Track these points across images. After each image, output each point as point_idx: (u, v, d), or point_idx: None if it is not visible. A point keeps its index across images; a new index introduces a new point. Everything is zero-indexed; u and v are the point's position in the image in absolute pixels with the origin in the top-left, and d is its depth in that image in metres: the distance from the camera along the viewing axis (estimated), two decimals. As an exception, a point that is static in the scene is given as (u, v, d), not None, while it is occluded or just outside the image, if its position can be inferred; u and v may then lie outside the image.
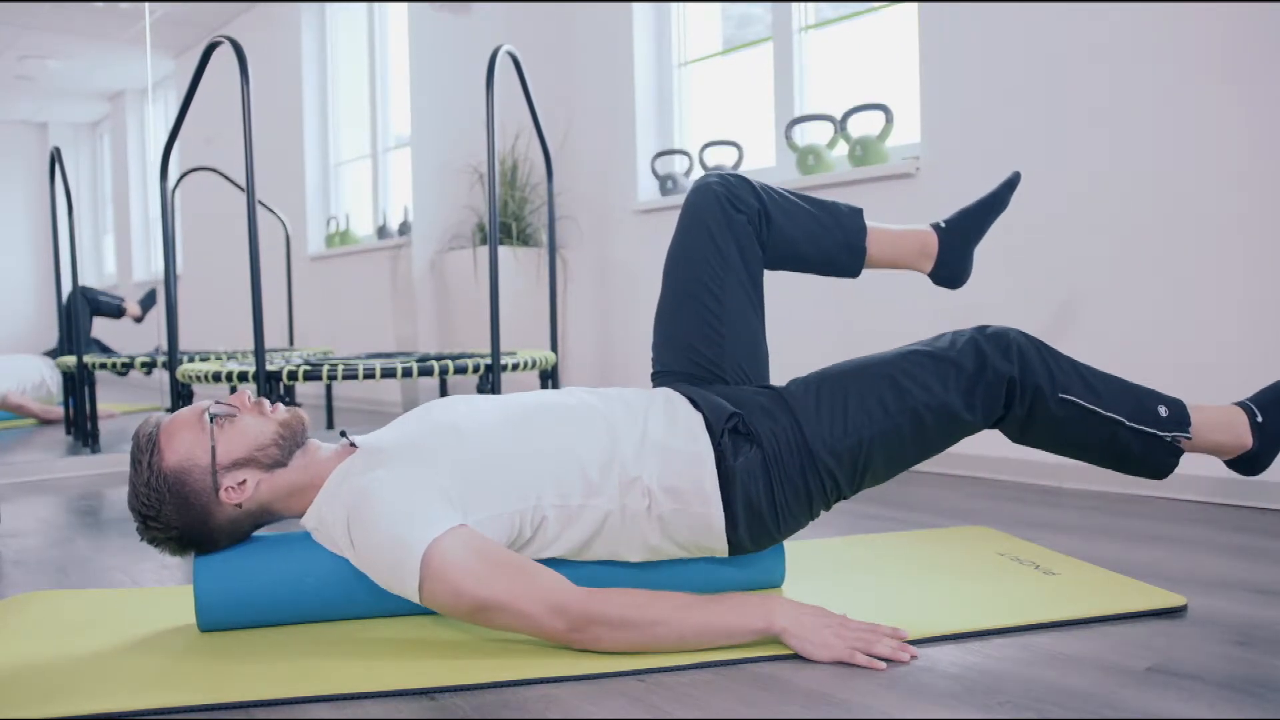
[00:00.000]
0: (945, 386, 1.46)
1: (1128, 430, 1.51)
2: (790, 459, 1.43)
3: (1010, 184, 1.79)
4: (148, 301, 4.75)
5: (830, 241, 1.68)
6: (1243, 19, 2.18)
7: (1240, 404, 1.61)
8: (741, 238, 1.61)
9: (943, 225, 1.76)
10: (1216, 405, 1.60)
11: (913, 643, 1.29)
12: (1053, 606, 1.43)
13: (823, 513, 1.50)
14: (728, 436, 1.42)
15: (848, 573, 1.68)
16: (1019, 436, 1.55)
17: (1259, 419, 1.58)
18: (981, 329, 1.51)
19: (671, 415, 1.45)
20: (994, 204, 1.78)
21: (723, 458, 1.41)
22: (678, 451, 1.41)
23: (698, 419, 1.44)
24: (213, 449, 1.37)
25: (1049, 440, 1.54)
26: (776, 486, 1.42)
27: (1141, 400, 1.53)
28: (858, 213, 1.71)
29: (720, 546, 1.44)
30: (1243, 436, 1.57)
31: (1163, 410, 1.52)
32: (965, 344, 1.49)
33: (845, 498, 1.49)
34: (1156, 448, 1.53)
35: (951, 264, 1.76)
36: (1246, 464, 1.60)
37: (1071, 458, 1.58)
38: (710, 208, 1.62)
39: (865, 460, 1.45)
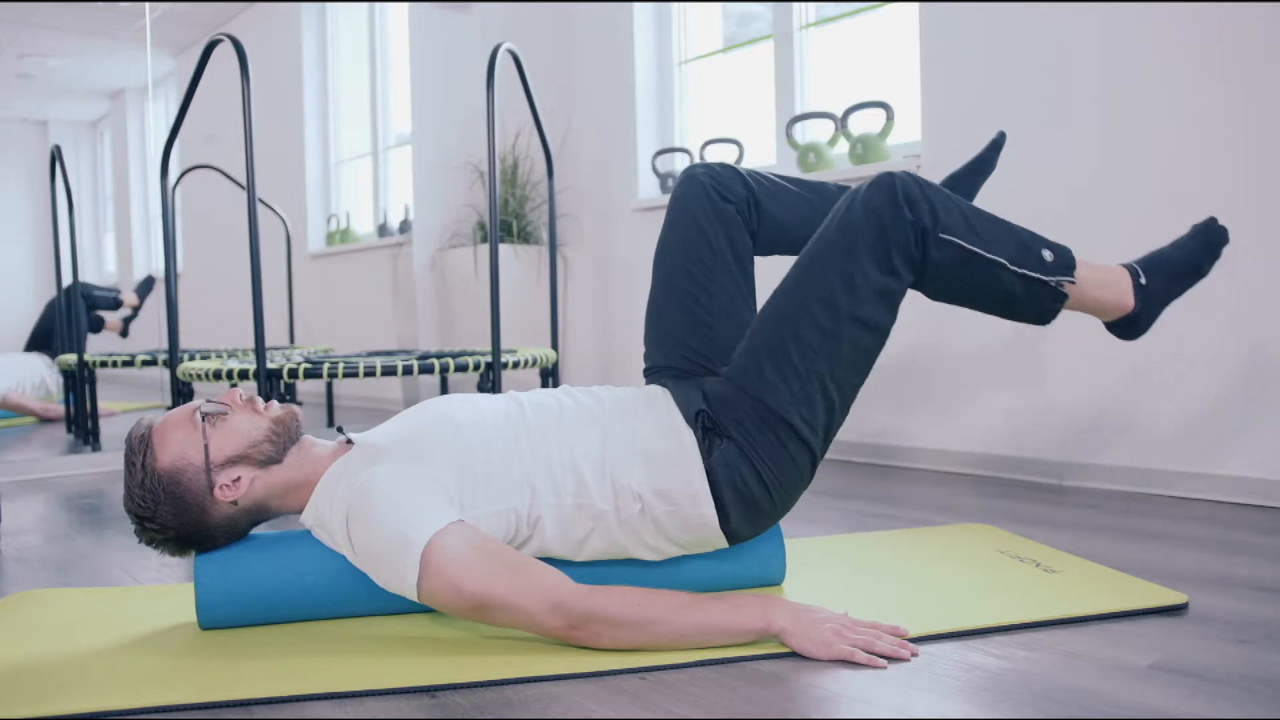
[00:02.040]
0: (865, 273, 1.41)
1: (1010, 273, 1.47)
2: (764, 436, 1.41)
3: (996, 145, 1.79)
4: (144, 289, 4.74)
5: (821, 223, 1.66)
6: (1243, 19, 2.18)
7: (1125, 265, 1.59)
8: (730, 228, 1.60)
9: None
10: (1103, 264, 1.57)
11: (913, 640, 1.29)
12: (1054, 604, 1.43)
13: (819, 462, 1.47)
14: (700, 433, 1.41)
15: (848, 571, 1.67)
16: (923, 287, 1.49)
17: (1142, 280, 1.57)
18: (865, 185, 1.45)
19: (656, 415, 1.45)
20: (981, 167, 1.78)
21: (706, 453, 1.40)
22: (664, 454, 1.40)
23: (681, 417, 1.44)
24: (205, 447, 1.37)
25: (941, 288, 1.49)
26: (761, 467, 1.41)
27: (1026, 243, 1.49)
28: (846, 190, 1.69)
29: (718, 540, 1.44)
30: (1124, 297, 1.56)
31: (1047, 254, 1.49)
32: (859, 210, 1.43)
33: (834, 433, 1.47)
34: (1040, 292, 1.49)
35: None
36: (1126, 326, 1.59)
37: (964, 306, 1.53)
38: (698, 199, 1.60)
39: (836, 388, 1.42)
